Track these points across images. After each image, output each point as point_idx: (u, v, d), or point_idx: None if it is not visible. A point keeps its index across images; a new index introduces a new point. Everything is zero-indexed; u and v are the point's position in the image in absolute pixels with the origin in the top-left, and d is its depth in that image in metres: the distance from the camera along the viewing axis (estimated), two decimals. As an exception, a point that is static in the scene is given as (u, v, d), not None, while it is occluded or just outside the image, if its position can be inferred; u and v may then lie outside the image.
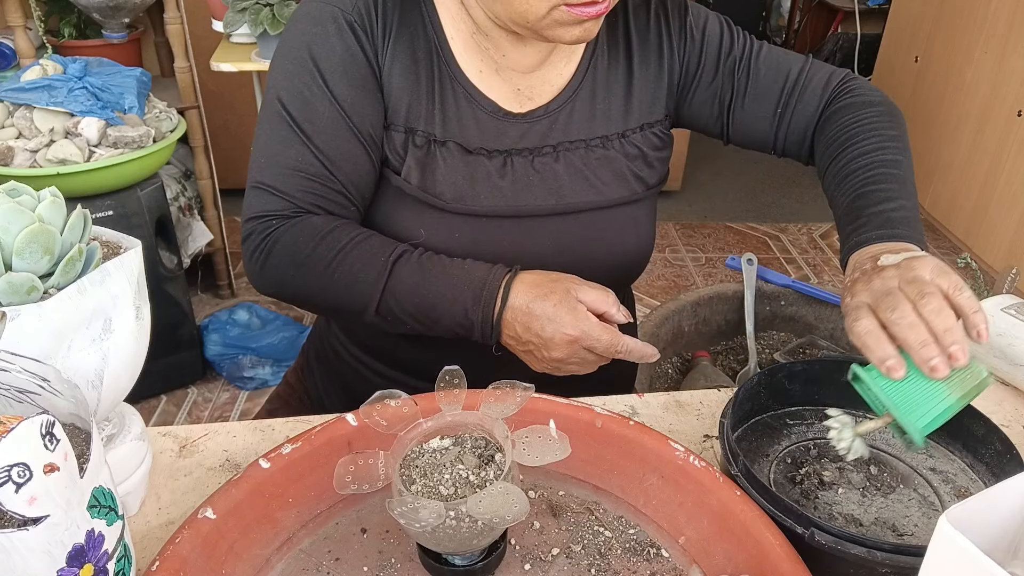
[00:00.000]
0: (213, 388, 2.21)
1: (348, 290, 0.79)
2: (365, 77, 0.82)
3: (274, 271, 0.81)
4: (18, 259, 0.54)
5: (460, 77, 0.85)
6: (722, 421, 0.69)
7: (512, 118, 0.86)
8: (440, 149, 0.84)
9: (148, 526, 0.66)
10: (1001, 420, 0.84)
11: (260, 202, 0.82)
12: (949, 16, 3.21)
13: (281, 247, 0.80)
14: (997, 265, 2.82)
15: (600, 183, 0.89)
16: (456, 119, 0.85)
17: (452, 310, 0.77)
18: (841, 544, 0.58)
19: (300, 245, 0.79)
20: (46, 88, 1.68)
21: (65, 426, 0.50)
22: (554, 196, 0.87)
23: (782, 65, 0.93)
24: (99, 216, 1.78)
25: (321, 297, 0.81)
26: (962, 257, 1.10)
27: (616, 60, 0.91)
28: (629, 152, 0.90)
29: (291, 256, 0.80)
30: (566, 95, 0.88)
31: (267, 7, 2.04)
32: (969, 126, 3.05)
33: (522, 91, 0.87)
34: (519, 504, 0.54)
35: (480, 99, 0.85)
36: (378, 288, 0.78)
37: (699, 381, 1.26)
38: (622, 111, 0.90)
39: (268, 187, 0.82)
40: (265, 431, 0.78)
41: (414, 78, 0.84)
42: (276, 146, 0.82)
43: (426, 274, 0.78)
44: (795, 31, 4.42)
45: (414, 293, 0.78)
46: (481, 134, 0.85)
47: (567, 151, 0.88)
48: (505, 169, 0.86)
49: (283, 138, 0.82)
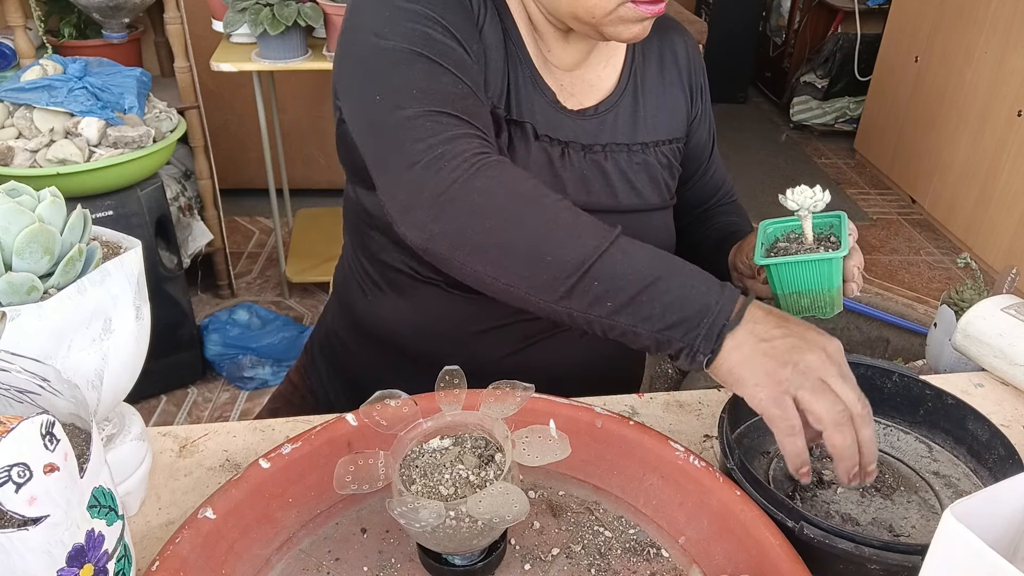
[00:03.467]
0: (213, 388, 2.21)
1: (566, 234, 0.66)
2: (473, 35, 0.79)
3: (477, 195, 0.66)
4: (18, 259, 0.54)
5: (527, 61, 0.85)
6: (722, 416, 0.69)
7: (567, 113, 0.88)
8: (515, 129, 0.84)
9: (148, 526, 0.66)
10: (1001, 421, 0.84)
11: (447, 127, 0.70)
12: (949, 16, 3.21)
13: (495, 172, 0.68)
14: (997, 265, 2.82)
15: (640, 187, 0.91)
16: (527, 102, 0.85)
17: (685, 285, 0.64)
18: (829, 539, 0.58)
19: (517, 173, 0.69)
20: (46, 88, 1.68)
21: (65, 426, 0.50)
22: (606, 193, 0.89)
23: (722, 184, 1.08)
24: (99, 216, 1.78)
25: (525, 239, 0.66)
26: (962, 257, 1.10)
27: (652, 74, 0.94)
28: (661, 161, 0.93)
29: (509, 183, 0.68)
30: (613, 98, 0.90)
31: (267, 7, 2.04)
32: (969, 126, 3.05)
33: (564, 87, 0.89)
34: (519, 504, 0.54)
35: (543, 87, 0.86)
36: (607, 238, 0.65)
37: (699, 381, 1.26)
38: (657, 122, 0.93)
39: (447, 112, 0.71)
40: (265, 431, 0.78)
41: (500, 58, 0.82)
42: (425, 79, 0.72)
43: (654, 251, 0.67)
44: (795, 31, 4.42)
45: (645, 259, 0.65)
46: (546, 121, 0.86)
47: (614, 152, 0.90)
48: (564, 160, 0.87)
49: (430, 71, 0.73)
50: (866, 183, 3.75)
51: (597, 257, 0.64)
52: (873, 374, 0.76)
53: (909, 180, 3.50)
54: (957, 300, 0.98)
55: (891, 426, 0.76)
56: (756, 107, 4.71)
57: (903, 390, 0.76)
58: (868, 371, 0.76)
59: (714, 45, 3.94)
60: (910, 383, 0.75)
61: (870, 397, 0.76)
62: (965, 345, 0.92)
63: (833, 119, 4.22)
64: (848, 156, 4.05)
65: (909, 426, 0.76)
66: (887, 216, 3.43)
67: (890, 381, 0.76)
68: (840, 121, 4.22)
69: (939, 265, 3.05)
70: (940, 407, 0.74)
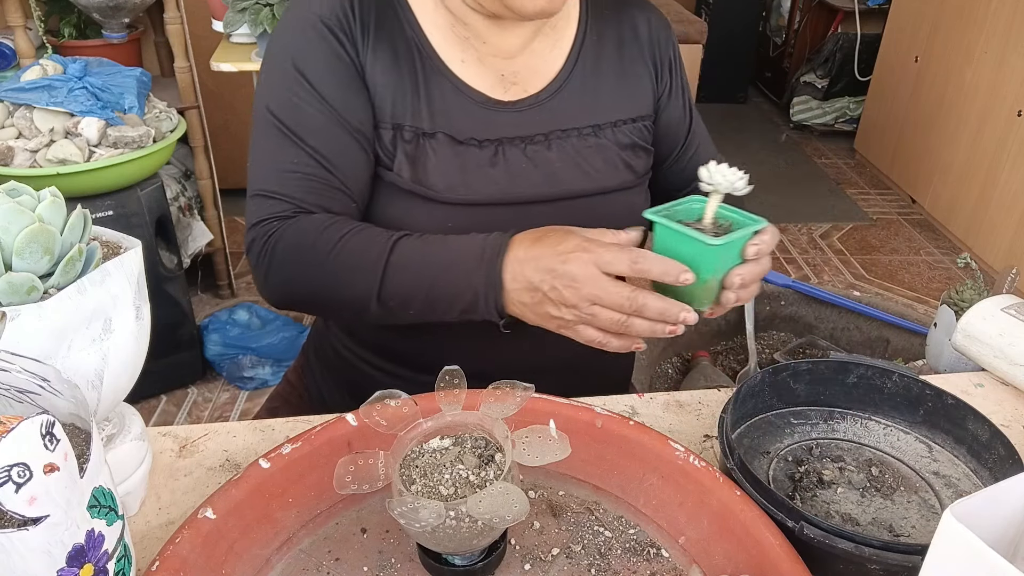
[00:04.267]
0: (213, 388, 2.21)
1: (351, 275, 0.77)
2: (351, 77, 0.84)
3: (279, 272, 0.81)
4: (18, 259, 0.54)
5: (444, 69, 0.86)
6: (722, 416, 0.69)
7: (502, 107, 0.87)
8: (429, 141, 0.85)
9: (148, 526, 0.66)
10: (1001, 421, 0.84)
11: (260, 208, 0.82)
12: (949, 16, 3.21)
13: (283, 245, 0.80)
14: (997, 265, 2.82)
15: (593, 170, 0.89)
16: (444, 111, 0.85)
17: (455, 280, 0.74)
18: (829, 539, 0.58)
19: (301, 239, 0.79)
20: (46, 88, 1.68)
21: (65, 426, 0.50)
22: (548, 183, 0.88)
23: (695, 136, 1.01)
24: (99, 216, 1.78)
25: (326, 291, 0.79)
26: (962, 257, 1.10)
27: (609, 52, 0.92)
28: (621, 141, 0.92)
29: (293, 251, 0.79)
30: (556, 84, 0.89)
31: (267, 7, 2.04)
32: (969, 126, 3.05)
33: (506, 77, 0.88)
34: (519, 504, 0.54)
35: (467, 89, 0.86)
36: (379, 267, 0.76)
37: (699, 381, 1.26)
38: (614, 101, 0.92)
39: (267, 192, 0.82)
40: (265, 431, 0.78)
41: (397, 75, 0.85)
42: (271, 153, 0.83)
43: (427, 248, 0.76)
44: (795, 31, 4.42)
45: (415, 272, 0.76)
46: (471, 124, 0.86)
47: (559, 139, 0.89)
48: (497, 158, 0.86)
49: (277, 145, 0.83)
50: (866, 183, 3.75)
51: (379, 286, 0.76)
52: (873, 374, 0.76)
53: (909, 180, 3.50)
54: (957, 300, 0.98)
55: (891, 426, 0.76)
56: (756, 107, 4.71)
57: (903, 390, 0.76)
58: (868, 371, 0.76)
59: (714, 45, 3.95)
60: (910, 383, 0.75)
61: (870, 397, 0.77)
62: (965, 345, 0.92)
63: (833, 119, 4.22)
64: (848, 156, 4.05)
65: (909, 426, 0.76)
66: (887, 216, 3.43)
67: (890, 381, 0.76)
68: (840, 121, 4.22)
69: (939, 265, 3.05)
70: (940, 407, 0.74)
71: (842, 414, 0.77)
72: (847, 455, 0.74)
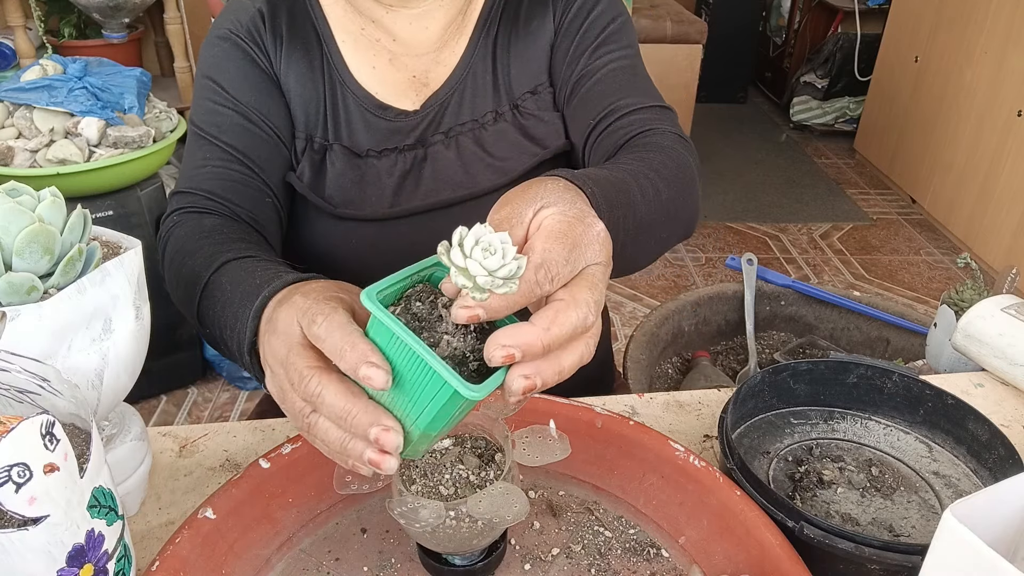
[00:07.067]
0: (213, 388, 2.21)
1: (191, 300, 0.71)
2: (267, 83, 0.85)
3: (167, 271, 0.76)
4: (18, 259, 0.54)
5: (348, 81, 0.85)
6: (722, 416, 0.69)
7: (405, 116, 0.85)
8: (329, 154, 0.85)
9: (148, 526, 0.66)
10: (1001, 420, 0.84)
11: (170, 206, 0.81)
12: (949, 16, 3.21)
13: (169, 248, 0.76)
14: (997, 265, 2.82)
15: (498, 160, 0.85)
16: (345, 123, 0.85)
17: (233, 335, 0.62)
18: (829, 539, 0.58)
19: (179, 248, 0.75)
20: (46, 88, 1.68)
21: (65, 426, 0.50)
22: (451, 187, 0.85)
23: (620, 90, 0.82)
24: (99, 216, 1.78)
25: (181, 306, 0.73)
26: (962, 257, 1.10)
27: (517, 27, 0.86)
28: (523, 122, 0.85)
29: (173, 255, 0.75)
30: (458, 75, 0.86)
31: (267, 7, 2.04)
32: (969, 126, 3.05)
33: (418, 77, 0.86)
34: (519, 504, 0.54)
35: (367, 101, 0.85)
36: (194, 298, 0.69)
37: (699, 381, 1.26)
38: (512, 80, 0.86)
39: (179, 190, 0.81)
40: (265, 431, 0.78)
41: (311, 86, 0.85)
42: (191, 157, 0.83)
43: (224, 297, 0.65)
44: (795, 31, 4.42)
45: (220, 307, 0.65)
46: (371, 136, 0.85)
47: (458, 135, 0.85)
48: (395, 168, 0.85)
49: (197, 148, 0.83)
50: (866, 183, 3.75)
51: (197, 316, 0.70)
52: (873, 374, 0.76)
53: (909, 180, 3.50)
54: (957, 300, 0.98)
55: (891, 426, 0.76)
56: (756, 107, 4.71)
57: (903, 390, 0.76)
58: (868, 371, 0.76)
59: (714, 45, 3.95)
60: (910, 383, 0.75)
61: (870, 397, 0.77)
62: (965, 345, 0.92)
63: (833, 119, 4.22)
64: (848, 156, 4.05)
65: (909, 426, 0.76)
66: (887, 216, 3.43)
67: (890, 381, 0.76)
68: (840, 121, 4.22)
69: (939, 265, 3.05)
70: (940, 407, 0.74)
71: (842, 414, 0.77)
72: (847, 455, 0.74)
